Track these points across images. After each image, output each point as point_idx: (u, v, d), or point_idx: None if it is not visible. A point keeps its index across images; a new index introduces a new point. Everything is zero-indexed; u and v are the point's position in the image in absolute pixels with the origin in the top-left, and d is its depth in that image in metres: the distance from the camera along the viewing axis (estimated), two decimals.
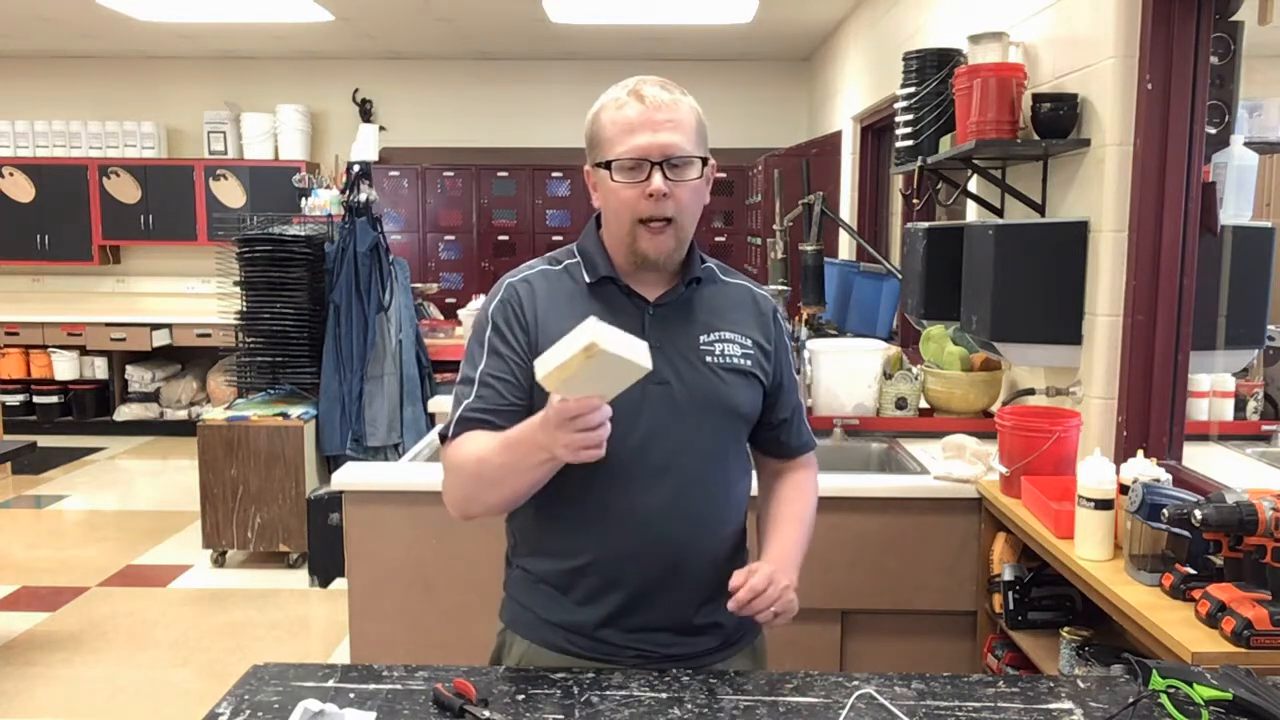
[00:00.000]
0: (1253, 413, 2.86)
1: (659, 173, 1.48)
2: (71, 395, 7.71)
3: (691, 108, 1.53)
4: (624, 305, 1.56)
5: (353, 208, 4.92)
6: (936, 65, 3.15)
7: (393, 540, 2.59)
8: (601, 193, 1.55)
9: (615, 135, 1.50)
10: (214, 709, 1.38)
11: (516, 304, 1.56)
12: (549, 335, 1.49)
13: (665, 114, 1.48)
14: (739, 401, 1.58)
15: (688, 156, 1.50)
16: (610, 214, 1.55)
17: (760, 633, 1.71)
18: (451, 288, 7.64)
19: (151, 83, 8.05)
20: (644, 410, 1.51)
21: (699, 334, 1.57)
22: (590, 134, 1.56)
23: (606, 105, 1.53)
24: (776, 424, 1.68)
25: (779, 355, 1.66)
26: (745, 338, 1.60)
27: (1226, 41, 2.40)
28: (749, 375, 1.59)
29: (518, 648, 1.62)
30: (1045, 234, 2.63)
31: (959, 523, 2.54)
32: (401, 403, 5.07)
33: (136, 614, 4.28)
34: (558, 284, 1.58)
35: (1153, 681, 1.37)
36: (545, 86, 8.00)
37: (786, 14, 6.26)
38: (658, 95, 1.50)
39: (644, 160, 1.48)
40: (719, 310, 1.61)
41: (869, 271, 4.60)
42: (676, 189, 1.49)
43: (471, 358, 1.58)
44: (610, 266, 1.57)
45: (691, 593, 1.57)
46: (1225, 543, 1.71)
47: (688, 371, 1.54)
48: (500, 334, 1.55)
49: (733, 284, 1.67)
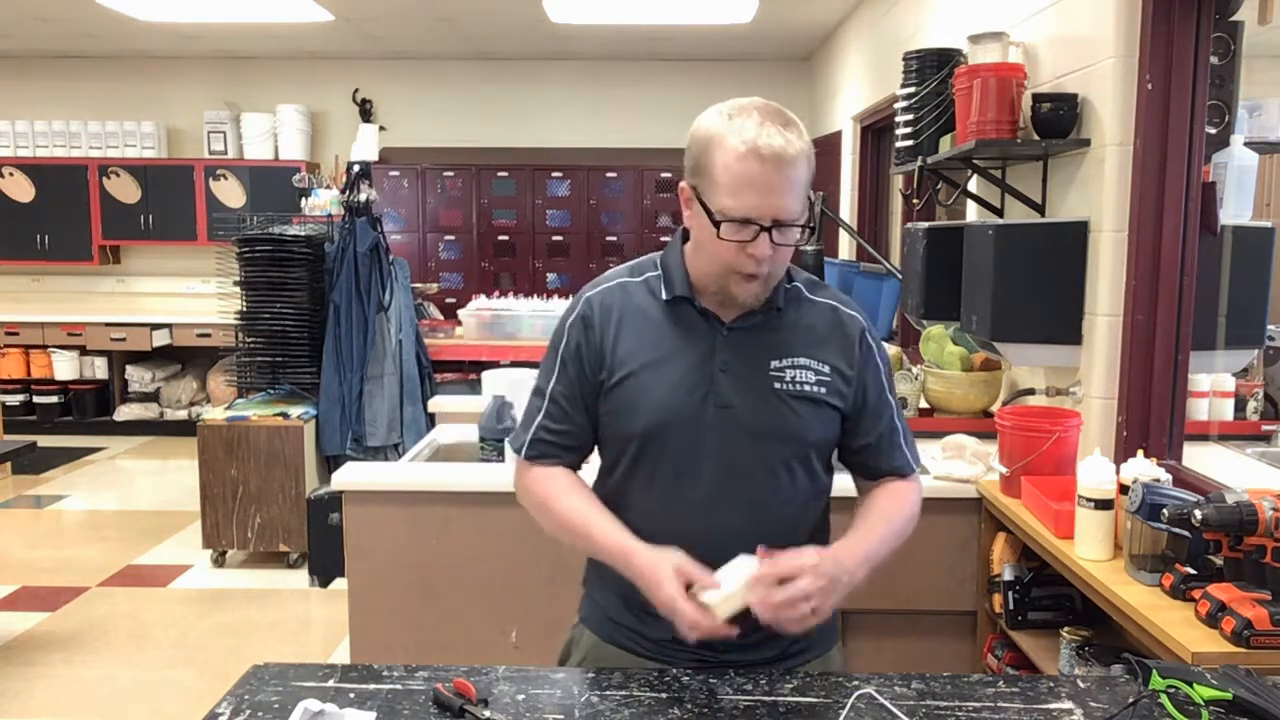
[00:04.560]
0: (1253, 413, 2.86)
1: (767, 238, 1.43)
2: (71, 395, 7.71)
3: (807, 158, 1.45)
4: (698, 325, 1.54)
5: (353, 208, 4.92)
6: (936, 65, 3.15)
7: (393, 540, 2.59)
8: (698, 223, 1.49)
9: (728, 184, 1.42)
10: (214, 709, 1.38)
11: (591, 320, 1.57)
12: (621, 353, 1.53)
13: (784, 175, 1.41)
14: (807, 430, 1.55)
15: (795, 223, 1.45)
16: (706, 252, 1.50)
17: (837, 642, 1.69)
18: (451, 288, 7.64)
19: (151, 83, 8.04)
20: (707, 434, 1.51)
21: (771, 359, 1.54)
22: (698, 159, 1.47)
23: (723, 146, 1.43)
24: (859, 448, 1.64)
25: (864, 378, 1.59)
26: (823, 364, 1.55)
27: (1226, 41, 2.40)
28: (821, 404, 1.55)
29: (586, 642, 1.64)
30: (1045, 234, 2.63)
31: (959, 523, 2.54)
32: (402, 403, 5.07)
33: (136, 614, 4.28)
34: (635, 298, 1.57)
35: (1153, 681, 1.37)
36: (545, 86, 8.00)
37: (786, 14, 6.26)
38: (780, 151, 1.40)
39: (753, 222, 1.42)
40: (798, 334, 1.57)
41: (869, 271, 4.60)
42: (778, 250, 1.46)
43: (546, 370, 1.61)
44: (688, 287, 1.55)
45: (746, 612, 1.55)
46: (1225, 543, 1.71)
47: (754, 398, 1.52)
48: (573, 351, 1.57)
49: (818, 303, 1.61)
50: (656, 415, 1.52)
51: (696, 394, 1.51)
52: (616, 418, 1.55)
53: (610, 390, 1.55)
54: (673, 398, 1.51)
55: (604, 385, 1.55)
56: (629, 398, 1.53)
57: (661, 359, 1.53)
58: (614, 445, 1.59)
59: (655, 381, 1.52)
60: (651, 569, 1.43)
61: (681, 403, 1.51)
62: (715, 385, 1.52)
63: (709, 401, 1.51)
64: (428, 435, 3.30)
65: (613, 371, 1.54)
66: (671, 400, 1.51)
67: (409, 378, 5.12)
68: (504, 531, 2.54)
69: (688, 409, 1.51)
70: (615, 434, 1.58)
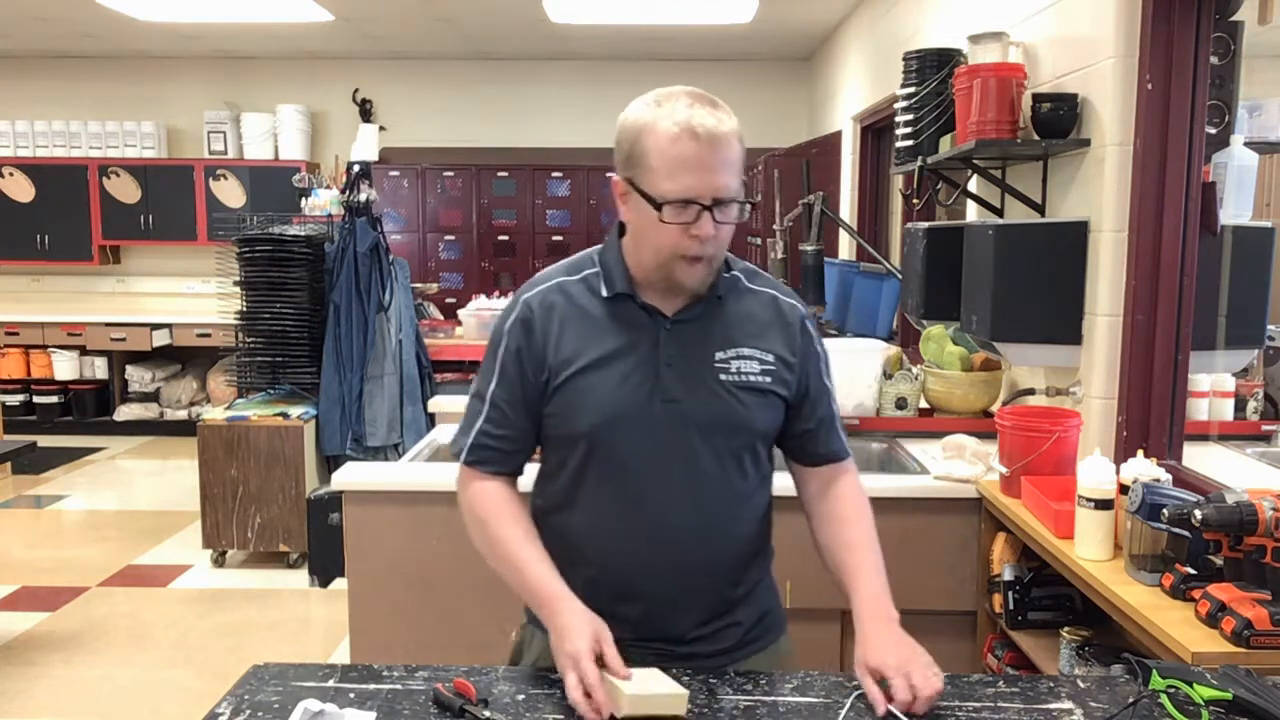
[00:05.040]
0: (1253, 413, 2.86)
1: (709, 216, 1.44)
2: (71, 395, 7.71)
3: (739, 137, 1.46)
4: (641, 321, 1.54)
5: (353, 208, 4.92)
6: (936, 65, 3.15)
7: (393, 540, 2.59)
8: (636, 214, 1.49)
9: (665, 168, 1.43)
10: (214, 709, 1.38)
11: (532, 324, 1.55)
12: (564, 353, 1.52)
13: (719, 154, 1.42)
14: (754, 420, 1.55)
15: (735, 199, 1.45)
16: (645, 242, 1.50)
17: (784, 633, 1.70)
18: (451, 288, 7.64)
19: (151, 83, 8.04)
20: (655, 430, 1.51)
21: (715, 351, 1.54)
22: (630, 151, 1.47)
23: (655, 132, 1.43)
24: (799, 434, 1.65)
25: (805, 366, 1.60)
26: (766, 353, 1.56)
27: (1226, 41, 2.40)
28: (767, 393, 1.56)
29: (538, 643, 1.62)
30: (1045, 234, 2.63)
31: (959, 523, 2.54)
32: (401, 403, 5.06)
33: (136, 614, 4.28)
34: (575, 297, 1.56)
35: (1153, 681, 1.37)
36: (545, 86, 8.00)
37: (786, 14, 6.26)
38: (712, 131, 1.41)
39: (693, 202, 1.43)
40: (740, 324, 1.57)
41: (869, 271, 4.60)
42: (721, 229, 1.46)
43: (486, 373, 1.59)
44: (629, 283, 1.54)
45: (703, 605, 1.57)
46: (1225, 543, 1.70)
47: (700, 390, 1.52)
48: (513, 355, 1.56)
49: (759, 292, 1.61)
50: (603, 413, 1.51)
51: (643, 390, 1.51)
52: (562, 418, 1.54)
53: (555, 391, 1.53)
54: (619, 395, 1.51)
55: (547, 386, 1.54)
56: (574, 397, 1.52)
57: (606, 357, 1.52)
58: (560, 446, 1.58)
59: (601, 380, 1.51)
60: (574, 622, 1.41)
61: (628, 400, 1.50)
62: (661, 380, 1.51)
63: (655, 396, 1.51)
64: (428, 435, 3.30)
65: (556, 372, 1.53)
66: (618, 397, 1.50)
67: (409, 378, 5.12)
68: None
69: (635, 406, 1.50)
70: (561, 434, 1.56)
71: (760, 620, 1.64)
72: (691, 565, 1.54)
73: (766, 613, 1.66)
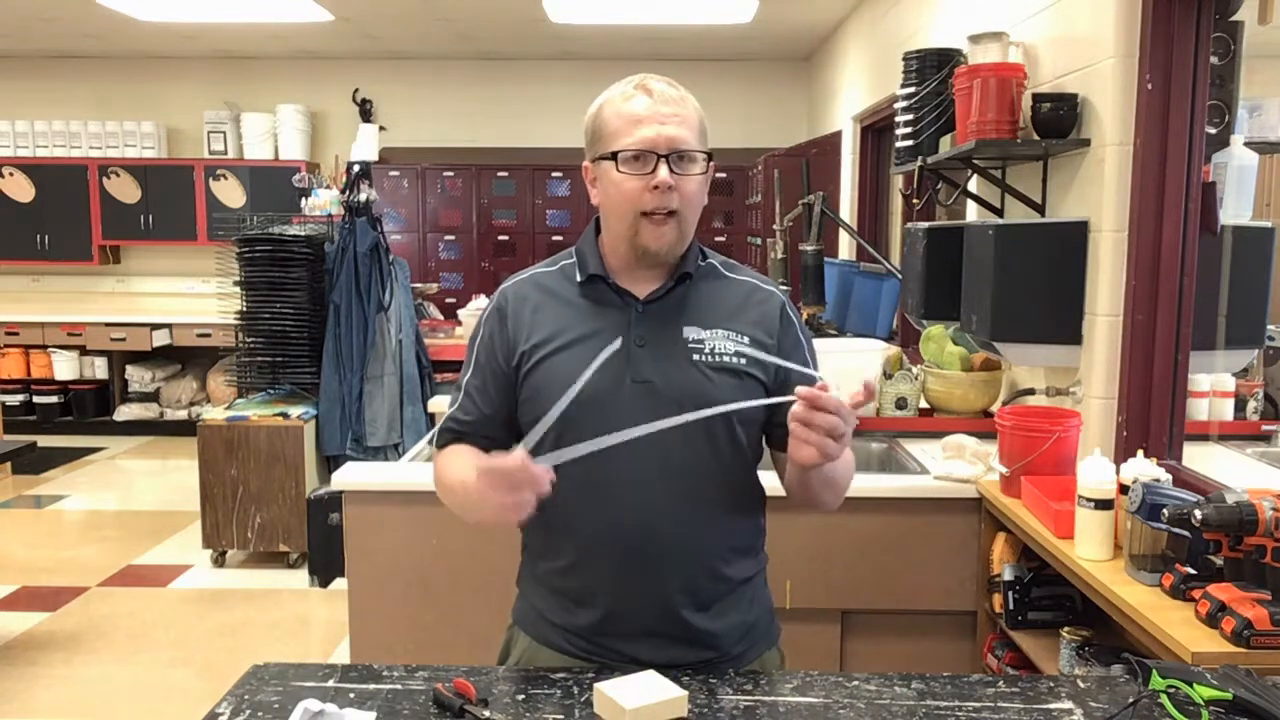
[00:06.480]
0: (1253, 413, 2.86)
1: (665, 165, 1.47)
2: (71, 395, 7.71)
3: (695, 107, 1.54)
4: (613, 303, 1.56)
5: (353, 208, 4.92)
6: (936, 65, 3.15)
7: (393, 540, 2.59)
8: (602, 186, 1.54)
9: (621, 127, 1.49)
10: (214, 709, 1.38)
11: (505, 311, 1.59)
12: (536, 338, 1.54)
13: (672, 108, 1.49)
14: (727, 401, 1.51)
15: (693, 151, 1.50)
16: (611, 208, 1.53)
17: (774, 645, 1.67)
18: (451, 288, 7.64)
19: (151, 83, 8.04)
20: (625, 409, 1.48)
21: (688, 331, 1.55)
22: (592, 128, 1.55)
23: (611, 99, 1.53)
24: (782, 422, 1.61)
25: (785, 350, 1.58)
26: (741, 335, 1.56)
27: (1226, 41, 2.40)
28: (741, 374, 1.54)
29: (521, 644, 1.62)
30: (1045, 234, 2.63)
31: (959, 523, 2.54)
32: (401, 403, 5.06)
33: (136, 614, 4.28)
34: (549, 285, 1.60)
35: (1153, 681, 1.37)
36: (545, 86, 8.00)
37: (786, 14, 6.26)
38: (664, 90, 1.51)
39: (650, 152, 1.47)
40: (715, 307, 1.58)
41: (869, 271, 4.60)
42: (681, 182, 1.49)
43: (465, 365, 1.65)
44: (601, 265, 1.56)
45: (682, 594, 1.53)
46: (1225, 543, 1.71)
47: (672, 370, 1.52)
48: (486, 342, 1.60)
49: (736, 280, 1.62)
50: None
51: (614, 371, 1.49)
52: (534, 402, 1.53)
53: (526, 375, 1.55)
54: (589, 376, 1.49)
55: (519, 371, 1.55)
56: (544, 380, 1.53)
57: (577, 339, 1.53)
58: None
59: (570, 361, 1.50)
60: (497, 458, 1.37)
61: (599, 380, 1.46)
62: (632, 361, 1.51)
63: (626, 377, 1.51)
64: (428, 435, 3.31)
65: (528, 356, 1.54)
66: (588, 378, 1.47)
67: (409, 378, 5.12)
68: (504, 531, 2.53)
69: (605, 386, 1.48)
70: (533, 418, 1.51)
71: (747, 631, 1.60)
72: (665, 550, 1.51)
73: (752, 626, 1.61)
